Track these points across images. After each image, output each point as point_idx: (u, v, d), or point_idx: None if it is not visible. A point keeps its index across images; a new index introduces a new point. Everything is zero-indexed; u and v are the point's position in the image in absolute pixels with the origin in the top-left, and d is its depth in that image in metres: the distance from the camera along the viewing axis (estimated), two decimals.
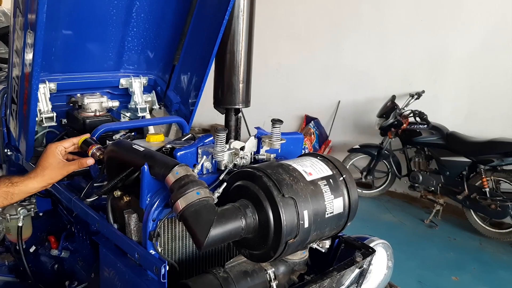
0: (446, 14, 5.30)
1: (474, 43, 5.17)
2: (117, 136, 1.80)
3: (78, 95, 2.07)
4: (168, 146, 1.48)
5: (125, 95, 2.37)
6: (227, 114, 2.20)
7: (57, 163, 1.50)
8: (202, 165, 1.40)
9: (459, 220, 5.04)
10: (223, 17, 1.90)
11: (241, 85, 2.15)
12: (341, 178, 1.36)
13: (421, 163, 5.17)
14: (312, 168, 1.34)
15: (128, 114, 2.35)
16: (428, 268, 4.05)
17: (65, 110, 2.18)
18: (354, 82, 6.20)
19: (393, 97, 5.40)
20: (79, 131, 2.00)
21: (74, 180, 1.85)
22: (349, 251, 1.58)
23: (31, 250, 2.19)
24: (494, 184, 4.59)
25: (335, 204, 1.31)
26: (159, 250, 1.32)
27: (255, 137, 1.50)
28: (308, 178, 1.29)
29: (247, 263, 1.39)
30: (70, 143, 1.58)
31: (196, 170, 1.33)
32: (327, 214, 1.29)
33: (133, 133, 1.98)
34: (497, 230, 4.64)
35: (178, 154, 1.35)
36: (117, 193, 1.44)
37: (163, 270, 1.21)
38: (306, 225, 1.23)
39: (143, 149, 1.36)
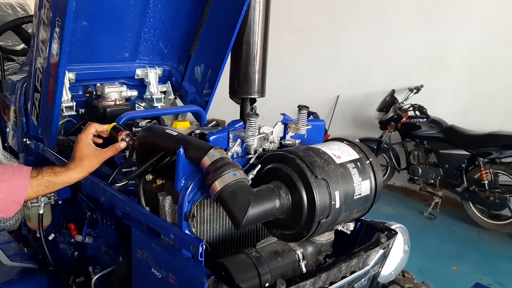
0: (446, 8, 5.37)
1: (474, 38, 5.25)
2: (143, 124, 1.84)
3: (98, 84, 2.10)
4: (197, 131, 1.53)
5: (140, 86, 2.40)
6: (243, 104, 2.26)
7: (92, 152, 1.54)
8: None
9: (457, 212, 5.14)
10: (241, 8, 1.94)
11: (257, 75, 2.20)
12: (368, 161, 1.41)
13: (420, 156, 5.26)
14: (340, 152, 1.39)
15: (142, 105, 2.38)
16: (429, 258, 4.12)
17: (81, 100, 2.22)
18: (353, 76, 6.26)
19: (393, 91, 5.47)
20: (99, 120, 2.04)
21: None
22: (369, 234, 1.63)
23: (50, 237, 2.22)
24: (493, 176, 4.68)
25: (363, 186, 1.36)
26: (193, 231, 1.36)
27: (282, 122, 1.54)
28: (338, 161, 1.34)
29: (277, 244, 1.43)
30: (94, 129, 1.62)
31: (229, 154, 1.38)
32: (356, 195, 1.34)
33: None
34: (495, 222, 4.74)
35: (211, 138, 1.39)
36: (149, 177, 1.48)
37: (200, 249, 1.25)
38: (337, 205, 1.28)
39: (177, 133, 1.40)
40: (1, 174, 1.42)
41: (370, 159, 1.42)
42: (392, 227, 1.71)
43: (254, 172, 1.32)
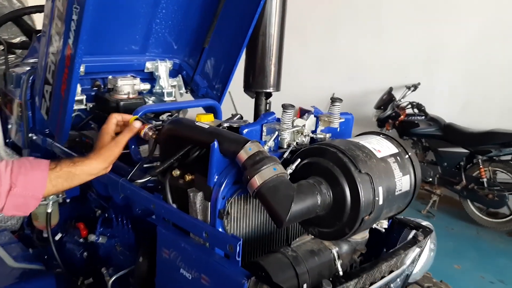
0: (442, 6, 5.37)
1: (470, 35, 5.26)
2: (163, 117, 1.75)
3: (110, 77, 2.02)
4: (225, 125, 1.45)
5: (149, 80, 2.31)
6: (257, 98, 2.20)
7: (110, 139, 1.46)
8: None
9: (455, 210, 5.14)
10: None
11: (272, 68, 2.14)
12: (407, 156, 1.36)
13: (418, 154, 5.24)
14: (379, 146, 1.33)
15: (152, 99, 2.29)
16: None
17: (88, 94, 2.13)
18: (349, 74, 6.23)
19: (391, 89, 5.45)
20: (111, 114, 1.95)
21: None
22: (399, 232, 1.58)
23: (57, 237, 2.12)
24: (492, 174, 4.69)
25: (403, 182, 1.31)
26: (227, 229, 1.29)
27: (314, 115, 1.48)
28: (378, 155, 1.29)
29: (312, 243, 1.37)
30: (115, 119, 1.54)
31: (266, 147, 1.31)
32: (397, 191, 1.29)
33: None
34: (493, 220, 4.75)
35: (244, 131, 1.32)
36: (176, 172, 1.40)
37: (238, 248, 1.18)
38: (381, 201, 1.23)
39: (208, 126, 1.33)
40: (17, 168, 1.32)
41: (409, 154, 1.37)
42: (423, 224, 1.66)
43: (293, 166, 1.25)
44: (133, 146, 1.75)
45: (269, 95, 2.19)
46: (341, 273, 1.36)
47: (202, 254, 1.28)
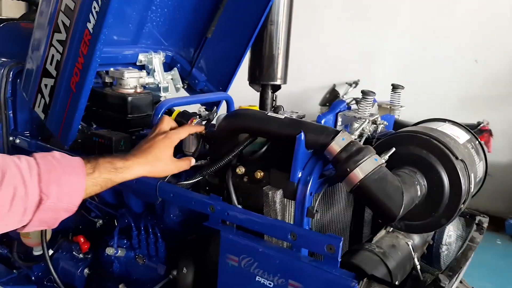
0: (375, 5, 5.59)
1: (402, 32, 5.52)
2: (202, 111, 1.56)
3: (112, 69, 1.78)
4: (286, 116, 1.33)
5: None
6: (263, 91, 2.08)
7: (170, 157, 1.25)
8: None
9: None
10: None
11: (280, 60, 2.05)
12: (477, 141, 1.34)
13: None
14: (455, 132, 1.30)
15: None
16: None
17: None
18: (289, 73, 6.25)
19: (334, 85, 5.56)
20: (117, 110, 1.73)
21: None
22: None
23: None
24: None
25: (479, 168, 1.29)
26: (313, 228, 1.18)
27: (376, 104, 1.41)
28: (460, 141, 1.25)
29: (390, 237, 1.31)
30: (186, 133, 1.33)
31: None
32: (477, 178, 1.26)
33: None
34: None
35: (322, 121, 1.21)
36: (241, 169, 1.26)
37: (339, 248, 1.08)
38: (472, 189, 1.19)
39: (284, 116, 1.21)
40: (46, 172, 1.01)
41: (479, 139, 1.35)
42: None
43: (386, 157, 1.17)
44: None
45: (277, 87, 2.08)
46: (418, 265, 1.30)
47: (289, 258, 1.15)
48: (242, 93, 2.20)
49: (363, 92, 1.25)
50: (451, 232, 1.59)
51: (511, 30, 4.84)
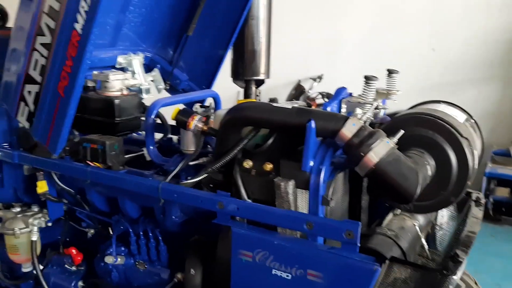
0: (336, 1, 5.68)
1: (363, 26, 5.63)
2: (198, 109, 1.52)
3: (95, 72, 1.72)
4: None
5: None
6: (248, 87, 2.08)
7: None
8: None
9: None
10: None
11: (263, 54, 2.05)
12: (472, 120, 1.38)
13: None
14: (452, 111, 1.33)
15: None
16: None
17: None
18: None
19: (299, 81, 5.61)
20: (103, 114, 1.67)
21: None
22: None
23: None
24: None
25: (477, 145, 1.32)
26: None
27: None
28: (459, 120, 1.28)
29: (397, 220, 1.32)
30: None
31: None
32: (478, 155, 1.30)
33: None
34: None
35: (328, 108, 1.21)
36: (248, 163, 1.24)
37: (357, 233, 1.08)
38: (476, 166, 1.22)
39: (291, 106, 1.20)
40: None
41: (474, 118, 1.38)
42: None
43: (395, 139, 1.18)
44: (151, 147, 1.52)
45: (260, 82, 2.08)
46: (425, 245, 1.33)
47: (306, 248, 1.15)
48: (221, 90, 2.18)
49: (366, 77, 1.26)
50: (444, 212, 1.63)
51: (465, 18, 5.01)
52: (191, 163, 1.38)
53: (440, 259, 1.46)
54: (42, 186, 1.66)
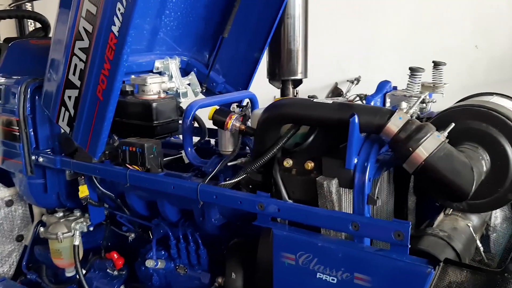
0: (374, 2, 5.57)
1: (400, 25, 5.49)
2: (235, 109, 1.50)
3: (132, 76, 1.72)
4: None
5: None
6: (285, 88, 2.03)
7: None
8: None
9: None
10: None
11: (300, 53, 2.00)
12: None
13: None
14: (507, 103, 1.24)
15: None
16: None
17: None
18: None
19: (336, 84, 5.52)
20: (141, 118, 1.66)
21: None
22: None
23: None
24: None
25: None
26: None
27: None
28: None
29: (449, 220, 1.24)
30: None
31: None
32: None
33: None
34: None
35: (372, 103, 1.15)
36: (288, 162, 1.20)
37: (408, 234, 1.01)
38: None
39: (332, 101, 1.15)
40: None
41: None
42: None
43: (446, 133, 1.11)
44: (189, 149, 1.50)
45: (298, 82, 2.03)
46: (481, 247, 1.24)
47: (353, 250, 1.09)
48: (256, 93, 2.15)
49: (411, 69, 1.19)
50: (498, 213, 1.53)
51: (510, 14, 4.81)
52: (229, 164, 1.35)
53: (495, 263, 1.37)
54: (83, 191, 1.67)
